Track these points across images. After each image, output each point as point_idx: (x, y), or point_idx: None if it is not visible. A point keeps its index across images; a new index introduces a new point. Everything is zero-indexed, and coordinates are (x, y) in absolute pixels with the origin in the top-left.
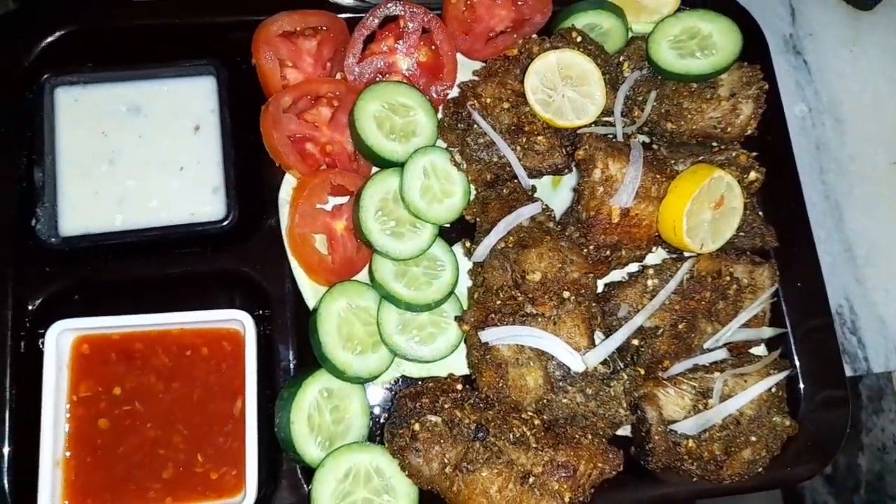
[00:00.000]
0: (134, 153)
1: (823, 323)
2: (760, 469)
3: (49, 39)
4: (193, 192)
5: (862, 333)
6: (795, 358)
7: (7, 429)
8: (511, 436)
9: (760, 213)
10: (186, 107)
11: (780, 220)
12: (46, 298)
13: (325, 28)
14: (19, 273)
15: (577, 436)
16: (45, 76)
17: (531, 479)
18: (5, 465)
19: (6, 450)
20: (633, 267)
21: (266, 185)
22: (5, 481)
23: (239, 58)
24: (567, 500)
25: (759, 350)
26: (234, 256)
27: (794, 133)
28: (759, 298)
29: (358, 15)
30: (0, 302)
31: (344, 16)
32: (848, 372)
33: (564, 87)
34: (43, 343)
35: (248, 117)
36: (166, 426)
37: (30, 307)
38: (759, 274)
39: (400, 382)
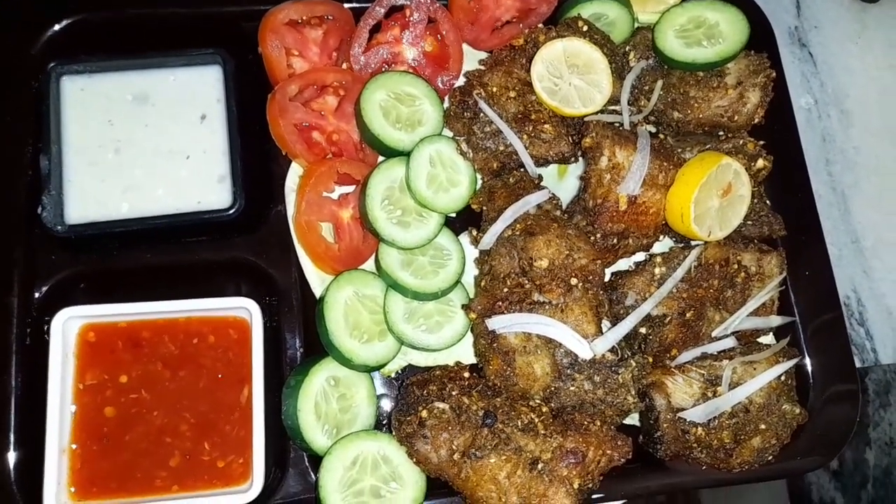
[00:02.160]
0: (140, 142)
1: (832, 312)
2: (770, 457)
3: (55, 28)
4: (200, 181)
5: (870, 325)
6: (804, 347)
7: (13, 417)
8: (519, 422)
9: (768, 201)
10: (193, 96)
11: (788, 208)
12: (52, 286)
13: (331, 17)
14: (25, 261)
15: (585, 422)
16: (51, 65)
17: (540, 466)
18: (11, 452)
19: (12, 438)
20: (640, 256)
21: (272, 174)
22: (11, 469)
23: (245, 47)
24: (576, 486)
25: (767, 339)
26: (240, 245)
27: (800, 125)
28: (767, 287)
29: (364, 5)
30: (6, 289)
31: (350, 5)
32: (856, 363)
33: (571, 76)
34: (49, 331)
35: (254, 107)
36: (173, 414)
37: (36, 295)
38: (767, 262)
39: (406, 371)
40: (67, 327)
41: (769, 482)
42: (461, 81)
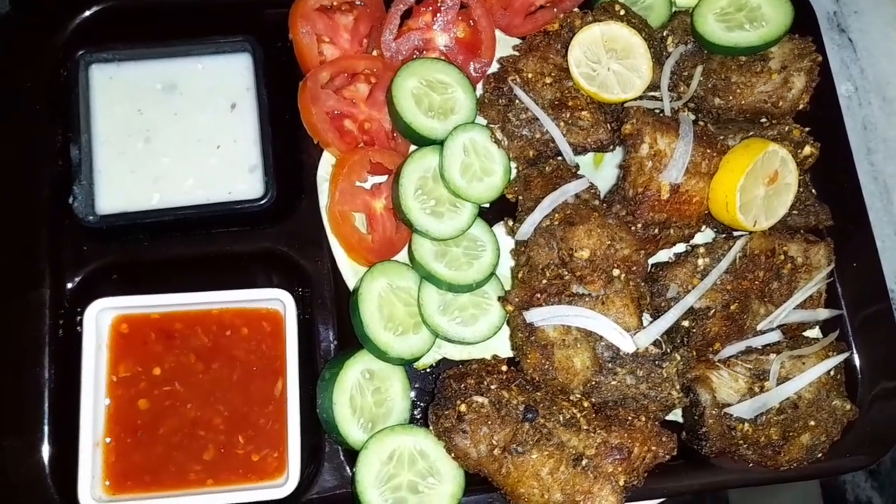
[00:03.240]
0: (170, 131)
1: (881, 305)
2: (819, 455)
3: (84, 16)
4: (230, 171)
5: None
6: (852, 341)
7: (46, 410)
8: (561, 417)
9: (813, 190)
10: (222, 84)
11: (833, 198)
12: (84, 277)
13: (362, 3)
14: (57, 252)
15: (629, 418)
16: (80, 53)
17: (584, 462)
18: (45, 446)
19: (45, 431)
20: (679, 248)
21: (303, 164)
22: (45, 463)
23: (274, 35)
24: (622, 483)
25: (813, 333)
26: (272, 236)
27: None
28: (814, 278)
29: None
30: (38, 281)
31: None
32: None
33: (609, 61)
34: (81, 322)
35: (284, 95)
36: (206, 407)
37: (68, 286)
38: (814, 253)
39: (440, 365)
40: (100, 319)
41: (803, 482)
42: (494, 68)
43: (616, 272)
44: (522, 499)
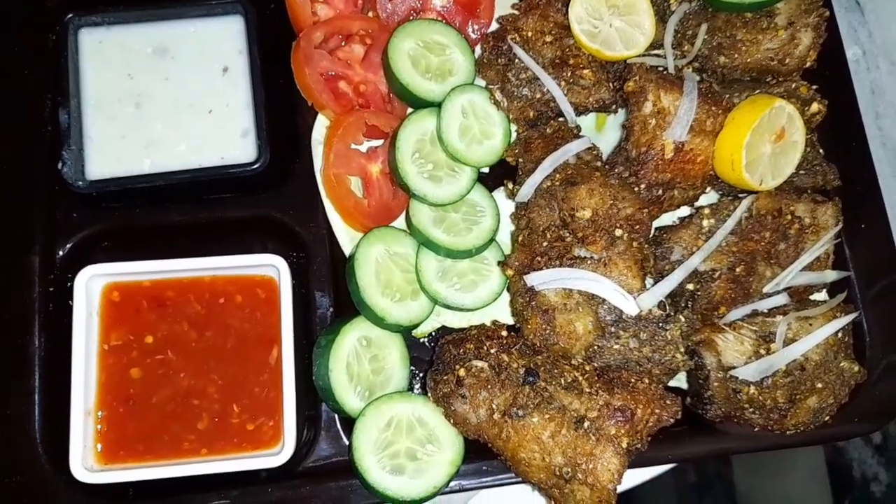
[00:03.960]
0: (161, 96)
1: (890, 267)
2: (827, 418)
3: None
4: (223, 136)
5: None
6: (860, 303)
7: (37, 378)
8: (562, 380)
9: (821, 150)
10: (214, 48)
11: (841, 158)
12: (75, 244)
13: None
14: (47, 218)
15: (632, 380)
16: (69, 17)
17: (586, 424)
18: (36, 415)
19: (36, 400)
20: (683, 212)
21: (297, 128)
22: (37, 432)
23: None
24: (625, 445)
25: (821, 296)
26: (266, 201)
27: None
28: (822, 239)
29: None
30: (27, 248)
31: None
32: None
33: (611, 17)
34: (72, 289)
35: (277, 59)
36: (200, 376)
37: (59, 254)
38: (822, 212)
39: (439, 333)
40: (91, 286)
41: (808, 458)
42: (494, 28)
43: (619, 232)
44: (523, 463)
